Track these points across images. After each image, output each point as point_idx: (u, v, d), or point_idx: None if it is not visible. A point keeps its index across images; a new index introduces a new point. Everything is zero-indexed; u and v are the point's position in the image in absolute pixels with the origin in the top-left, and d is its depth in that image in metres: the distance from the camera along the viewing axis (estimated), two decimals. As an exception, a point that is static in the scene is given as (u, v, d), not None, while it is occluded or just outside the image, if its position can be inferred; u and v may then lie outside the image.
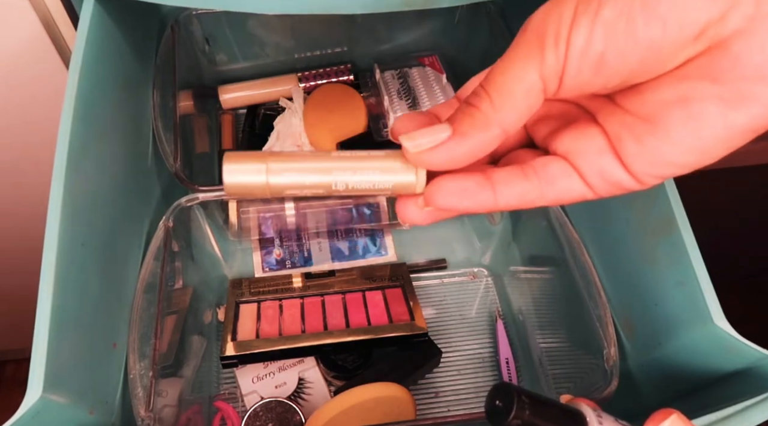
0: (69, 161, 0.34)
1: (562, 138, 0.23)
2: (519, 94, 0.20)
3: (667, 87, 0.20)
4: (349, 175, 0.23)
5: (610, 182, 0.22)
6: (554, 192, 0.23)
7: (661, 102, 0.20)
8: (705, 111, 0.19)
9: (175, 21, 0.54)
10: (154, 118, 0.47)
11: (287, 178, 0.23)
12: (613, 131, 0.22)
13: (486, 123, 0.21)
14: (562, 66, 0.20)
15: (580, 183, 0.23)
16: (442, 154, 0.22)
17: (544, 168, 0.23)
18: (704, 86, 0.19)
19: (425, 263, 0.59)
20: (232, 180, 0.23)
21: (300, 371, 0.50)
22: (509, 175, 0.23)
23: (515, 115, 0.21)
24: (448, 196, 0.23)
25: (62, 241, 0.32)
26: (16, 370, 1.11)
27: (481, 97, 0.21)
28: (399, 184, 0.24)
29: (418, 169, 0.24)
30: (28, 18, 0.49)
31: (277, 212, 0.54)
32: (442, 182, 0.23)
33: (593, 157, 0.22)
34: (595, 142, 0.22)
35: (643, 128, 0.21)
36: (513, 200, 0.23)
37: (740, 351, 0.33)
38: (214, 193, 0.47)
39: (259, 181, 0.23)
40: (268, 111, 0.63)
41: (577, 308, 0.44)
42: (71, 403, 0.32)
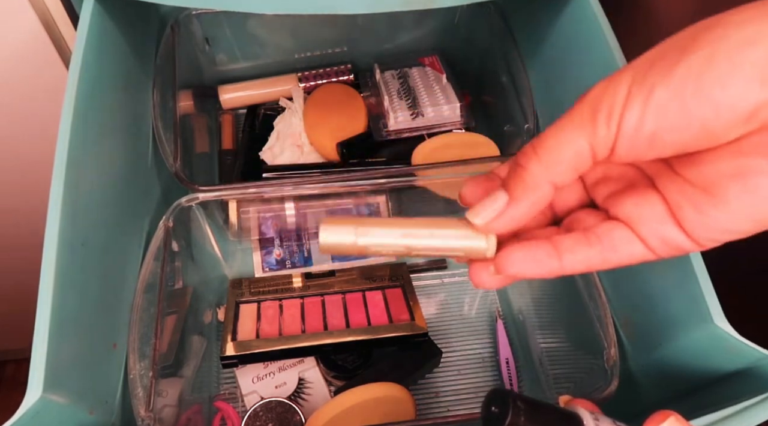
0: (69, 161, 0.34)
1: (623, 203, 0.24)
2: (567, 155, 0.22)
3: (723, 160, 0.20)
4: (427, 240, 0.26)
5: (671, 246, 0.23)
6: (617, 257, 0.24)
7: (719, 174, 0.21)
8: (761, 185, 0.20)
9: (175, 21, 0.54)
10: (154, 118, 0.47)
11: (373, 240, 0.26)
12: (672, 199, 0.23)
13: (535, 184, 0.23)
14: (613, 141, 0.21)
15: (641, 248, 0.24)
16: (505, 220, 0.24)
17: (608, 235, 0.24)
18: (759, 162, 0.20)
19: (425, 263, 0.59)
20: (326, 240, 0.26)
21: (300, 371, 0.50)
22: (574, 243, 0.25)
23: (562, 174, 0.22)
24: (518, 266, 0.25)
25: (62, 241, 0.32)
26: (16, 370, 1.11)
27: (528, 157, 0.23)
28: (471, 248, 0.26)
29: (488, 237, 0.26)
30: (28, 18, 0.49)
31: (277, 212, 0.54)
32: (513, 253, 0.25)
33: (655, 224, 0.23)
34: (655, 210, 0.23)
35: (702, 198, 0.21)
36: (578, 266, 0.24)
37: (740, 351, 0.33)
38: (214, 193, 0.47)
39: (348, 241, 0.26)
40: (268, 111, 0.63)
41: (577, 308, 0.44)
42: (71, 403, 0.32)
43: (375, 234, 0.26)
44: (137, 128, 0.48)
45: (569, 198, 0.28)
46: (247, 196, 0.49)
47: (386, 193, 0.56)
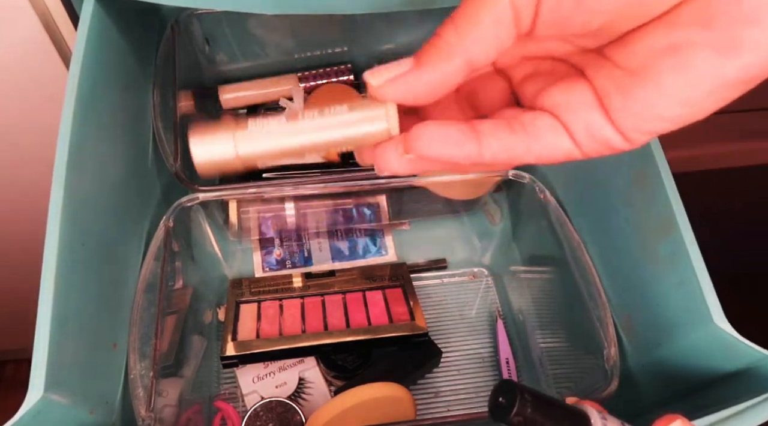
0: (69, 161, 0.34)
1: (550, 93, 0.22)
2: (486, 22, 0.19)
3: (656, 35, 0.19)
4: (319, 133, 0.23)
5: (597, 140, 0.21)
6: (541, 147, 0.22)
7: (650, 51, 0.19)
8: (696, 59, 0.18)
9: (175, 21, 0.54)
10: (154, 118, 0.47)
11: (257, 146, 0.22)
12: (600, 85, 0.21)
13: (449, 53, 0.20)
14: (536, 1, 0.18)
15: (567, 140, 0.22)
16: (403, 85, 0.21)
17: (532, 122, 0.22)
18: (695, 32, 0.18)
19: (425, 263, 0.59)
20: (201, 156, 0.22)
21: (300, 371, 0.50)
22: (495, 127, 0.22)
23: (482, 45, 0.20)
24: (430, 143, 0.22)
25: (63, 241, 0.32)
26: (16, 370, 1.11)
27: (445, 26, 0.20)
28: (372, 130, 0.23)
29: (387, 107, 0.23)
30: (28, 18, 0.49)
31: (277, 212, 0.54)
32: (425, 128, 0.22)
33: (581, 111, 0.21)
34: (583, 97, 0.21)
35: (630, 81, 0.20)
36: (499, 153, 0.22)
37: (740, 351, 0.33)
38: (214, 193, 0.47)
39: (228, 153, 0.22)
40: (268, 111, 0.63)
41: (577, 308, 0.44)
42: (72, 403, 0.32)
43: (256, 134, 0.23)
44: (137, 128, 0.48)
45: (493, 96, 0.25)
46: (247, 196, 0.49)
47: (386, 193, 0.56)
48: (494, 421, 0.25)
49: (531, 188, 0.50)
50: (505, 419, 0.24)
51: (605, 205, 0.45)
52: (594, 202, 0.47)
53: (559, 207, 0.48)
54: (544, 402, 0.24)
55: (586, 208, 0.48)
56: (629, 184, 0.42)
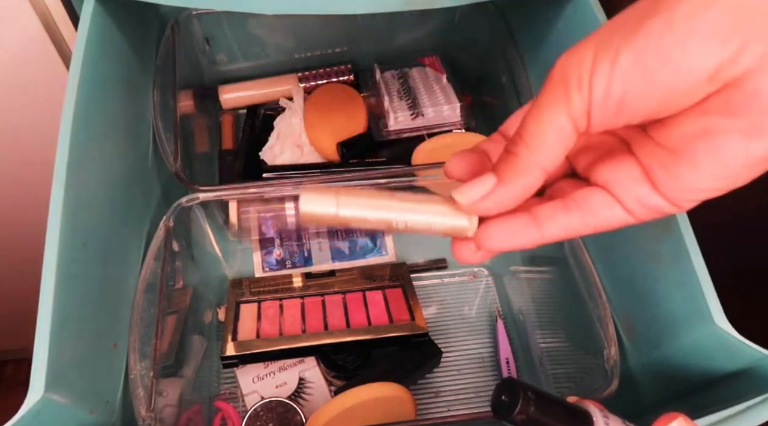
0: (69, 161, 0.34)
1: (600, 169, 0.25)
2: (551, 136, 0.22)
3: (689, 121, 0.21)
4: (410, 215, 0.26)
5: (648, 208, 0.24)
6: (597, 220, 0.24)
7: (686, 135, 0.21)
8: (726, 143, 0.20)
9: (175, 21, 0.54)
10: (154, 118, 0.47)
11: (354, 212, 0.26)
12: (645, 161, 0.23)
13: (526, 168, 0.23)
14: (587, 107, 0.21)
15: (621, 211, 0.24)
16: (492, 202, 0.24)
17: (586, 200, 0.24)
18: (723, 120, 0.20)
19: (425, 263, 0.59)
20: (306, 210, 0.26)
21: (300, 371, 0.50)
22: (552, 210, 0.25)
23: (551, 155, 0.23)
24: (498, 240, 0.25)
25: (63, 242, 0.32)
26: (16, 370, 1.11)
27: (517, 144, 0.23)
28: (454, 227, 0.26)
29: (471, 218, 0.26)
30: (28, 18, 0.49)
31: (277, 212, 0.54)
32: (491, 228, 0.25)
33: (630, 186, 0.24)
34: (631, 173, 0.24)
35: (670, 159, 0.22)
36: (558, 233, 0.25)
37: (740, 351, 0.33)
38: (214, 193, 0.47)
39: (329, 212, 0.26)
40: (268, 111, 0.63)
41: (577, 308, 0.44)
42: (72, 403, 0.32)
43: (357, 206, 0.26)
44: (137, 128, 0.48)
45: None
46: (247, 196, 0.49)
47: (386, 193, 0.56)
48: (497, 419, 0.25)
49: (531, 188, 0.50)
50: (508, 417, 0.24)
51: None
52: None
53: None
54: (547, 400, 0.24)
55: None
56: (629, 184, 0.42)
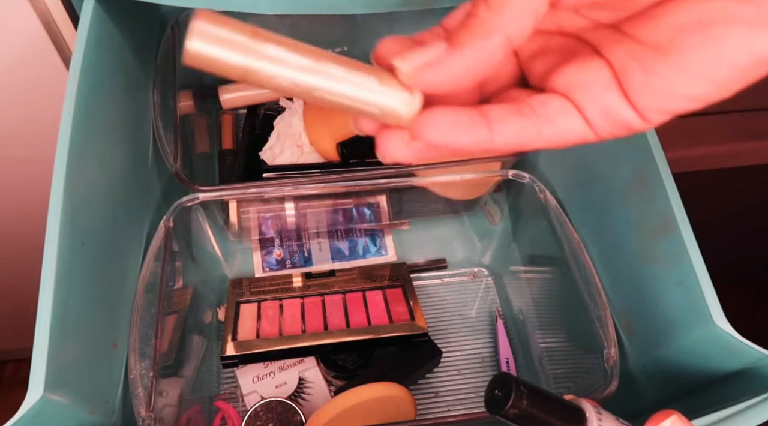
0: (69, 161, 0.34)
1: (562, 72, 0.21)
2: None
3: (684, 9, 0.18)
4: (338, 82, 0.20)
5: (614, 121, 0.20)
6: (552, 131, 0.21)
7: (678, 26, 0.18)
8: (728, 34, 0.17)
9: (175, 21, 0.54)
10: (154, 118, 0.47)
11: (267, 64, 0.19)
12: (619, 62, 0.20)
13: (487, 30, 0.19)
14: None
15: (581, 122, 0.21)
16: (442, 70, 0.19)
17: (543, 105, 0.21)
18: (729, 6, 0.17)
19: (425, 263, 0.59)
20: (199, 47, 0.18)
21: (300, 371, 0.50)
22: (505, 111, 0.21)
23: (518, 18, 0.18)
24: (440, 130, 0.20)
25: (63, 241, 0.32)
26: (16, 370, 1.11)
27: (477, 4, 0.19)
28: (389, 107, 0.20)
29: (414, 93, 0.20)
30: (28, 18, 0.49)
31: (277, 212, 0.54)
32: (433, 114, 0.20)
33: (597, 92, 0.20)
34: (599, 76, 0.20)
35: (654, 57, 0.19)
36: (510, 138, 0.21)
37: (740, 351, 0.33)
38: (214, 193, 0.47)
39: (233, 57, 0.19)
40: (268, 111, 0.63)
41: (577, 308, 0.44)
42: (72, 403, 0.32)
43: (274, 56, 0.19)
44: (137, 128, 0.48)
45: (499, 74, 0.24)
46: (247, 196, 0.49)
47: (386, 193, 0.56)
48: (490, 413, 0.25)
49: (531, 188, 0.50)
50: (500, 412, 0.24)
51: (605, 205, 0.45)
52: (594, 202, 0.47)
53: (559, 207, 0.48)
54: (540, 395, 0.24)
55: (586, 208, 0.48)
56: (629, 184, 0.42)
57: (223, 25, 0.19)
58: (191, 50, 0.18)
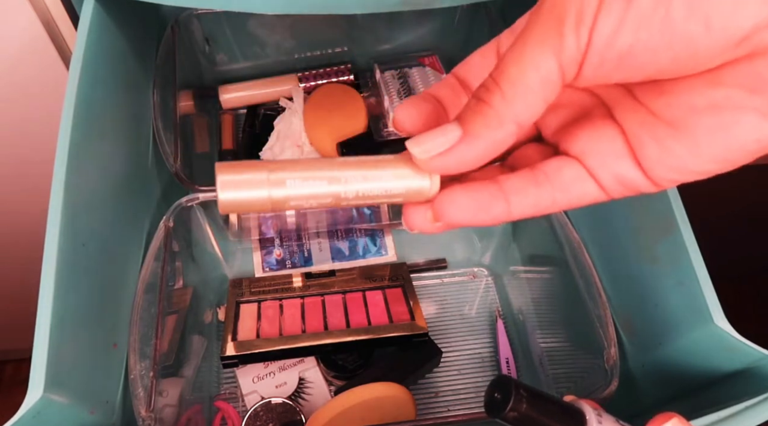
0: (69, 161, 0.34)
1: (576, 137, 0.21)
2: (534, 85, 0.18)
3: (698, 91, 0.18)
4: (359, 183, 0.21)
5: (625, 186, 0.21)
6: (567, 198, 0.21)
7: (690, 107, 0.18)
8: (738, 122, 0.17)
9: (175, 21, 0.54)
10: (154, 118, 0.47)
11: (291, 190, 0.21)
12: (632, 132, 0.20)
13: (499, 121, 0.19)
14: (583, 54, 0.17)
15: (594, 187, 0.21)
16: (454, 158, 0.20)
17: (558, 173, 0.21)
18: (740, 95, 0.17)
19: (425, 263, 0.59)
20: (228, 196, 0.20)
21: (300, 371, 0.50)
22: (522, 183, 0.21)
23: (530, 108, 0.19)
24: (460, 212, 0.21)
25: (63, 241, 0.32)
26: (16, 370, 1.11)
27: (491, 92, 0.19)
28: (412, 190, 0.22)
29: (432, 178, 0.22)
30: (28, 18, 0.49)
31: (277, 212, 0.54)
32: (455, 196, 0.21)
33: (610, 160, 0.20)
34: (613, 145, 0.20)
35: (666, 133, 0.19)
36: (526, 210, 0.21)
37: (740, 351, 0.33)
38: (214, 193, 0.47)
39: (259, 194, 0.20)
40: (268, 111, 0.63)
41: (577, 308, 0.44)
42: (72, 403, 0.32)
43: (294, 183, 0.21)
44: (137, 128, 0.48)
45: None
46: (247, 196, 0.49)
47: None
48: (490, 416, 0.25)
49: (531, 188, 0.50)
50: (500, 415, 0.24)
51: (605, 205, 0.45)
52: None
53: (559, 207, 0.47)
54: (539, 398, 0.24)
55: (586, 208, 0.48)
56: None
57: (241, 170, 0.20)
58: (223, 201, 0.20)
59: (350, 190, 0.21)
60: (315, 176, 0.21)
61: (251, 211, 0.21)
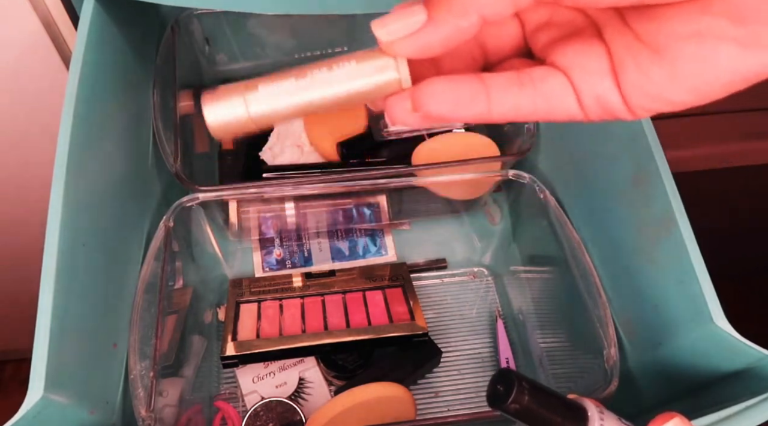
0: (69, 161, 0.34)
1: (565, 50, 0.22)
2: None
3: (683, 18, 0.18)
4: (329, 89, 0.22)
5: (603, 107, 0.21)
6: (547, 106, 0.22)
7: (674, 33, 0.19)
8: (717, 51, 0.18)
9: (175, 21, 0.54)
10: (154, 118, 0.47)
11: (268, 106, 0.22)
12: (618, 54, 0.20)
13: (463, 9, 0.19)
14: None
15: (575, 102, 0.21)
16: (417, 41, 0.20)
17: (542, 80, 0.21)
18: (724, 25, 0.18)
19: (425, 263, 0.59)
20: (214, 120, 0.23)
21: (300, 371, 0.50)
22: (506, 82, 0.22)
23: (496, 5, 0.19)
24: (439, 103, 0.21)
25: (63, 242, 0.32)
26: (16, 370, 1.11)
27: None
28: (382, 82, 0.22)
29: (398, 60, 0.22)
30: (28, 18, 0.49)
31: (277, 212, 0.54)
32: (435, 87, 0.21)
33: (595, 78, 0.21)
34: (598, 63, 0.21)
35: (648, 58, 0.19)
36: (507, 111, 0.22)
37: (740, 351, 0.33)
38: (214, 193, 0.47)
39: (241, 115, 0.22)
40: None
41: (577, 308, 0.44)
42: (72, 403, 0.32)
43: (266, 95, 0.22)
44: (137, 128, 0.48)
45: (504, 42, 0.25)
46: (247, 196, 0.49)
47: (386, 193, 0.56)
48: (492, 408, 0.25)
49: (531, 188, 0.50)
50: (502, 407, 0.24)
51: (605, 205, 0.45)
52: (594, 202, 0.47)
53: (559, 207, 0.48)
54: (542, 392, 0.24)
55: (586, 208, 0.48)
56: (629, 184, 0.42)
57: (220, 92, 0.23)
58: (209, 123, 0.23)
59: (320, 93, 0.22)
60: (282, 76, 0.22)
61: (237, 130, 0.22)
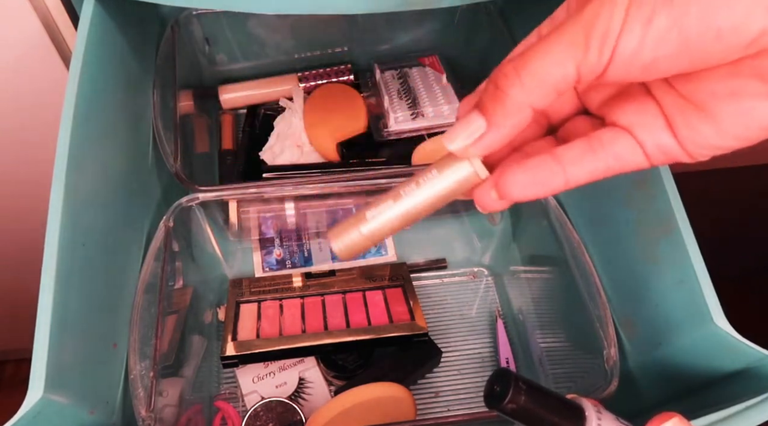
0: (69, 161, 0.34)
1: (624, 109, 0.24)
2: (552, 80, 0.21)
3: (718, 80, 0.20)
4: (420, 198, 0.26)
5: (666, 155, 0.23)
6: (620, 166, 0.24)
7: (713, 93, 0.21)
8: (754, 107, 0.20)
9: (175, 21, 0.54)
10: (154, 118, 0.47)
11: (377, 223, 0.26)
12: (668, 110, 0.23)
13: (517, 109, 0.22)
14: (602, 69, 0.20)
15: (641, 156, 0.23)
16: (483, 144, 0.23)
17: (613, 143, 0.23)
18: (755, 84, 0.20)
19: (425, 263, 0.59)
20: (340, 248, 0.27)
21: (300, 371, 0.50)
22: (579, 153, 0.24)
23: (544, 99, 0.21)
24: (523, 190, 0.24)
25: (63, 242, 0.32)
26: (16, 370, 1.11)
27: (510, 81, 0.21)
28: (462, 179, 0.25)
29: (470, 159, 0.25)
30: (28, 18, 0.49)
31: (277, 212, 0.54)
32: (515, 177, 0.24)
33: (655, 132, 0.23)
34: (656, 120, 0.23)
35: (694, 115, 0.22)
36: (582, 178, 0.24)
37: (740, 351, 0.33)
38: (214, 193, 0.47)
39: (355, 234, 0.26)
40: (268, 111, 0.63)
41: (577, 308, 0.44)
42: (72, 403, 0.32)
43: (371, 212, 0.26)
44: (137, 128, 0.48)
45: (563, 106, 0.27)
46: (247, 196, 0.49)
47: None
48: (489, 407, 0.25)
49: (531, 188, 0.50)
50: (499, 407, 0.24)
51: (605, 205, 0.45)
52: (594, 202, 0.47)
53: (559, 207, 0.48)
54: (539, 392, 0.24)
55: (586, 208, 0.48)
56: (630, 184, 0.42)
57: (340, 228, 0.27)
58: (338, 251, 0.27)
59: (414, 206, 0.26)
60: (381, 200, 0.26)
61: (360, 249, 0.27)
